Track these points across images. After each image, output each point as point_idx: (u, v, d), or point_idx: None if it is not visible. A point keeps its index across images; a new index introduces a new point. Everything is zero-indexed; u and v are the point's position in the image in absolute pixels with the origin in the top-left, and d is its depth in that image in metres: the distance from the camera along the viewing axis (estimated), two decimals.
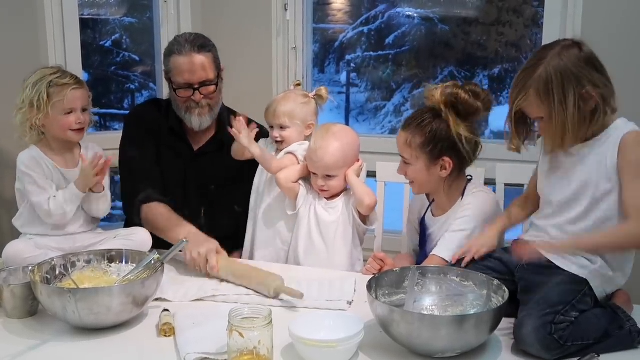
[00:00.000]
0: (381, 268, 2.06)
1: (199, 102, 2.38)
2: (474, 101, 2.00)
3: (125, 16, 4.24)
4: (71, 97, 2.09)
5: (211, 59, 2.39)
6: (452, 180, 2.06)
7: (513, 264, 1.80)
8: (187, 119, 2.42)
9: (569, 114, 1.64)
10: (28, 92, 2.07)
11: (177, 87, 2.37)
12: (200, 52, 2.35)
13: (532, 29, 4.20)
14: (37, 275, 1.76)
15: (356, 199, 2.18)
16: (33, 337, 1.68)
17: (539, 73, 1.65)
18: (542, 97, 1.66)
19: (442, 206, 2.11)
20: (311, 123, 2.30)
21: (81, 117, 2.12)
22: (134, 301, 1.70)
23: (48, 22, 2.70)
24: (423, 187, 2.12)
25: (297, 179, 2.24)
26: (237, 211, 2.47)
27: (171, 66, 2.37)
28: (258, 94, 2.40)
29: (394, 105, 5.42)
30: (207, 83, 2.38)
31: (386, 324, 1.55)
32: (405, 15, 4.67)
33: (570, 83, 1.63)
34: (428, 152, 2.01)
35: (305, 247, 2.23)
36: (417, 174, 2.06)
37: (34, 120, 2.08)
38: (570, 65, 1.64)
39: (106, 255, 1.93)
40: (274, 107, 2.29)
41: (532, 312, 1.56)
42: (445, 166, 2.02)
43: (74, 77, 2.13)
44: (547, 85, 1.64)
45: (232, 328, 1.44)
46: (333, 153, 2.14)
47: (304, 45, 3.24)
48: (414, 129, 2.02)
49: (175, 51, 2.36)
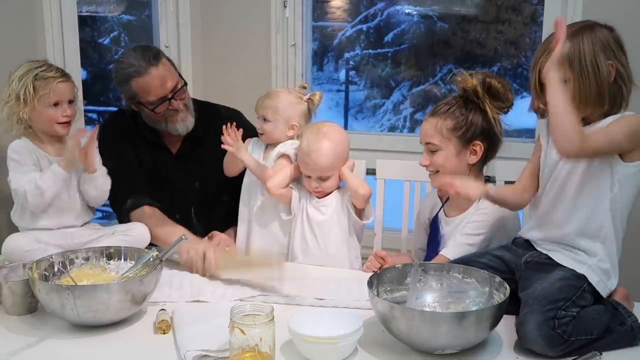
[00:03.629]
0: (381, 266, 2.05)
1: (178, 108, 2.34)
2: (505, 90, 2.01)
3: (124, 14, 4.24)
4: (57, 90, 2.09)
5: (168, 63, 2.35)
6: (475, 173, 2.05)
7: (514, 263, 1.80)
8: (172, 128, 2.37)
9: (592, 81, 1.65)
10: (14, 86, 2.07)
11: (153, 106, 2.30)
12: (157, 62, 2.28)
13: (531, 27, 4.19)
14: (36, 273, 1.75)
15: (351, 191, 2.16)
16: (32, 334, 1.68)
17: (569, 33, 1.66)
18: (571, 58, 1.66)
19: (458, 205, 2.08)
20: (295, 124, 2.26)
21: (67, 110, 2.12)
22: (133, 298, 1.69)
23: (46, 19, 2.69)
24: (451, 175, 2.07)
25: (288, 184, 2.21)
26: (226, 202, 2.46)
27: (135, 90, 2.28)
28: (256, 91, 2.38)
29: (393, 103, 5.41)
30: (177, 88, 2.34)
31: (386, 321, 1.54)
32: (404, 12, 4.66)
33: (600, 51, 1.65)
34: (460, 135, 2.00)
35: (300, 248, 2.22)
36: (445, 160, 2.02)
37: (20, 114, 2.08)
38: (602, 37, 1.67)
39: (105, 252, 1.92)
40: (263, 98, 2.29)
41: (533, 309, 1.55)
42: (476, 151, 2.02)
43: (59, 70, 2.13)
44: (578, 46, 1.66)
45: (234, 325, 1.44)
46: (327, 154, 2.12)
47: (303, 42, 3.24)
48: (445, 114, 2.02)
49: (133, 74, 2.26)
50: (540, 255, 1.78)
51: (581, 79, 1.66)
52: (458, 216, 2.08)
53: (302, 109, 2.29)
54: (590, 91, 1.67)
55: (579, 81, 1.67)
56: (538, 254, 1.78)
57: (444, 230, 2.11)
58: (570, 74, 1.67)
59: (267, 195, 2.26)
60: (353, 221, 2.21)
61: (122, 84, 2.30)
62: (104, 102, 4.68)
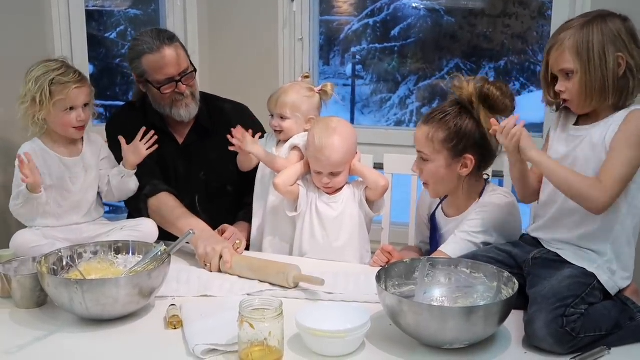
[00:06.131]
0: (388, 260, 2.04)
1: (184, 93, 2.36)
2: (504, 98, 1.93)
3: (131, 8, 4.24)
4: (73, 96, 2.08)
5: (181, 48, 2.38)
6: (471, 180, 2.01)
7: (522, 258, 1.79)
8: (175, 113, 2.39)
9: (599, 74, 1.64)
10: (30, 87, 2.06)
11: (160, 85, 2.32)
12: (171, 43, 2.32)
13: (538, 20, 4.17)
14: (44, 267, 1.76)
15: (369, 184, 2.15)
16: (40, 328, 1.68)
17: (580, 24, 1.66)
18: (579, 49, 1.65)
19: (457, 206, 2.06)
20: (312, 117, 2.27)
21: (82, 114, 2.11)
22: (141, 292, 1.70)
23: (54, 14, 2.69)
24: (439, 188, 2.04)
25: (295, 181, 2.21)
26: (230, 193, 2.48)
27: (145, 67, 2.32)
28: (263, 85, 2.38)
29: (400, 98, 5.39)
30: (187, 72, 2.36)
31: (395, 315, 1.54)
32: (411, 6, 4.64)
33: (610, 42, 1.64)
34: (451, 147, 1.95)
35: (309, 244, 2.21)
36: (435, 172, 1.99)
37: (36, 115, 2.08)
38: (613, 27, 1.65)
39: (113, 246, 1.93)
40: (277, 96, 2.27)
41: (542, 307, 1.54)
42: (467, 164, 1.96)
43: (76, 74, 2.11)
44: (587, 37, 1.65)
45: (243, 319, 1.44)
46: (338, 149, 2.11)
47: (310, 36, 3.23)
48: (438, 123, 1.96)
49: (146, 50, 2.30)
50: (548, 252, 1.77)
51: (588, 70, 1.65)
52: (459, 216, 2.05)
53: (316, 101, 2.29)
54: (594, 84, 1.65)
55: (585, 73, 1.66)
56: (546, 251, 1.78)
57: (444, 230, 2.10)
58: (578, 65, 1.66)
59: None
60: (364, 214, 2.21)
61: (134, 59, 2.34)
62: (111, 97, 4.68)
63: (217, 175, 2.48)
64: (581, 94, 1.68)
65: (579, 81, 1.67)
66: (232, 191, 2.50)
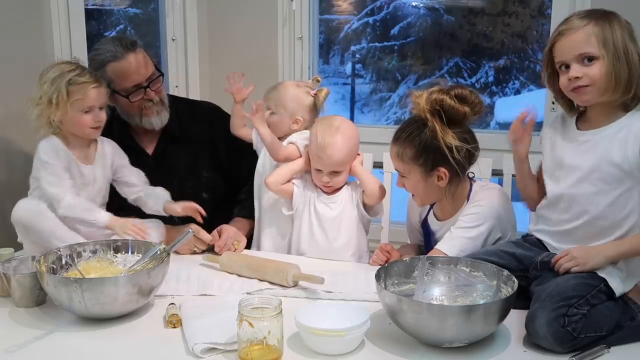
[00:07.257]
0: (388, 259, 2.04)
1: (153, 99, 2.31)
2: (460, 106, 1.88)
3: (130, 7, 4.23)
4: (91, 96, 2.06)
5: (145, 53, 2.32)
6: (454, 187, 1.99)
7: (527, 260, 1.77)
8: (146, 122, 2.34)
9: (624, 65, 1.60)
10: (46, 88, 2.03)
11: (128, 93, 2.27)
12: (134, 49, 2.27)
13: (538, 19, 4.17)
14: (43, 265, 1.76)
15: (367, 190, 2.15)
16: (40, 326, 1.68)
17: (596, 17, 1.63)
18: (605, 37, 1.61)
19: (447, 211, 2.06)
20: (299, 118, 2.25)
21: (99, 115, 2.09)
22: (140, 291, 1.70)
23: (54, 12, 2.68)
24: (425, 198, 2.05)
25: (287, 180, 2.20)
26: (205, 199, 2.38)
27: (110, 76, 2.24)
28: (263, 84, 2.37)
29: (399, 97, 5.40)
30: (153, 77, 2.32)
31: (394, 313, 1.54)
32: (410, 5, 4.65)
33: (629, 39, 1.62)
34: (421, 164, 1.93)
35: (308, 243, 2.21)
36: (414, 186, 1.99)
37: (51, 117, 2.05)
38: (626, 25, 1.64)
39: (112, 245, 1.93)
40: (270, 89, 2.28)
41: (545, 305, 1.53)
42: (442, 177, 1.94)
43: (92, 75, 2.09)
44: (611, 29, 1.61)
45: (242, 318, 1.44)
46: (341, 148, 2.10)
47: (310, 35, 3.23)
48: (404, 142, 1.95)
49: (110, 58, 2.23)
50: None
51: (616, 58, 1.60)
52: (450, 218, 2.04)
53: (307, 103, 2.27)
54: (621, 74, 1.60)
55: (612, 61, 1.60)
56: (555, 255, 1.73)
57: (438, 234, 2.08)
58: (604, 51, 1.61)
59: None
60: (361, 216, 2.21)
61: (97, 70, 2.23)
62: None
63: (191, 183, 2.43)
64: (608, 80, 1.61)
65: (605, 67, 1.61)
66: (208, 198, 2.41)
